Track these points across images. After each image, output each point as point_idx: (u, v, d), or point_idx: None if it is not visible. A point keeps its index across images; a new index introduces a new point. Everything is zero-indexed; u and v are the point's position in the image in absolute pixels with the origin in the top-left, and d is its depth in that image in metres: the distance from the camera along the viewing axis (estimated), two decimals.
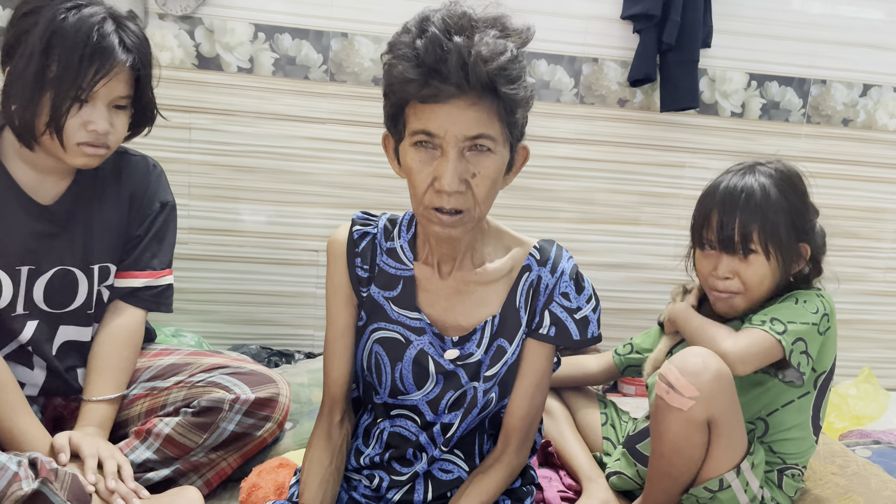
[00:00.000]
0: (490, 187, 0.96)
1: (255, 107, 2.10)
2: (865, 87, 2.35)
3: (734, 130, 2.33)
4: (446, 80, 0.89)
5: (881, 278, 2.49)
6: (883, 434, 1.88)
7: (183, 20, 2.04)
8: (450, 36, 0.88)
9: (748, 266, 1.30)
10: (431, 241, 1.07)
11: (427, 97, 0.90)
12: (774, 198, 1.29)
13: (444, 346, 1.08)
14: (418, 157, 0.94)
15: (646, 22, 2.10)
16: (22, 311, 1.29)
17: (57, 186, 1.30)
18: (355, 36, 2.10)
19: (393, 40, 0.94)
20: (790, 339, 1.22)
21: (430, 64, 0.88)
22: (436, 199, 0.95)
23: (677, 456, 1.19)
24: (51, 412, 1.39)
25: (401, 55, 0.91)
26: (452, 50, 0.88)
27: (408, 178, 0.97)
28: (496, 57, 0.89)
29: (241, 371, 1.38)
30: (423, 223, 1.00)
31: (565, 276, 1.08)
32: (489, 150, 0.94)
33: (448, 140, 0.92)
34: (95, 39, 1.16)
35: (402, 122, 0.95)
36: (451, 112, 0.91)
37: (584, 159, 2.28)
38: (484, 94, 0.91)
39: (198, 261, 2.16)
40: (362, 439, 1.15)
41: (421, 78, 0.89)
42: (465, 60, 0.88)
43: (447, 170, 0.92)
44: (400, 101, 0.94)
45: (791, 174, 1.33)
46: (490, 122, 0.93)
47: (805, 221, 1.33)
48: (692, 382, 1.13)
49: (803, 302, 1.28)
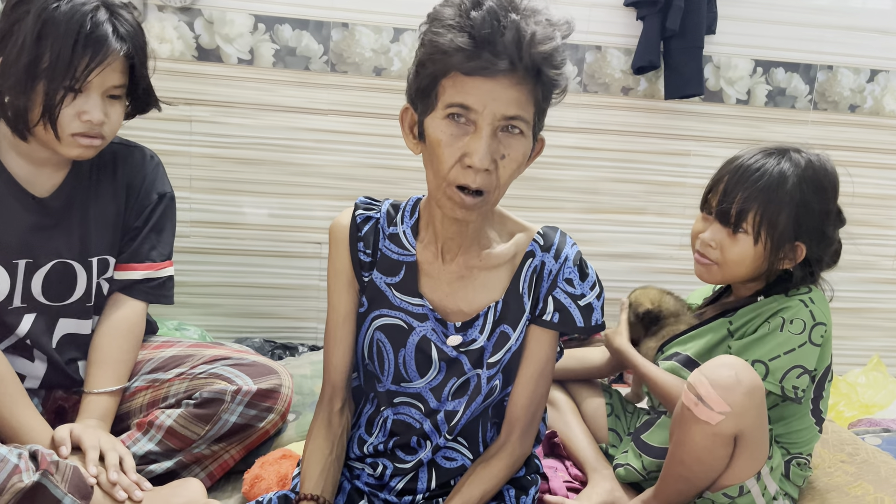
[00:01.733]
0: (514, 171, 0.96)
1: (255, 98, 2.09)
2: (873, 72, 2.32)
3: (740, 118, 2.30)
4: (498, 55, 0.88)
5: (890, 266, 2.46)
6: (892, 422, 1.86)
7: (182, 11, 2.02)
8: (506, 11, 0.88)
9: (734, 243, 1.29)
10: (437, 225, 1.06)
11: (474, 69, 0.89)
12: (787, 187, 1.25)
13: (446, 332, 1.07)
14: (450, 131, 0.92)
15: (649, 8, 2.08)
16: (19, 305, 1.28)
17: (52, 179, 1.29)
18: (356, 26, 2.09)
19: (436, 12, 0.92)
20: (776, 377, 1.20)
21: (486, 36, 0.87)
22: (461, 176, 0.93)
23: (698, 465, 1.16)
24: (52, 405, 1.39)
25: (450, 25, 0.89)
26: (510, 25, 0.87)
27: (433, 150, 0.95)
28: (548, 41, 0.89)
29: (243, 362, 1.37)
30: (441, 202, 0.98)
31: (569, 263, 1.07)
32: (521, 132, 0.94)
33: (485, 116, 0.90)
34: (89, 28, 1.15)
35: (435, 94, 0.93)
36: (493, 88, 0.89)
37: (588, 148, 2.26)
38: (527, 76, 0.90)
39: (200, 254, 2.15)
40: (365, 429, 1.14)
41: (472, 49, 0.88)
42: (522, 37, 0.87)
43: (480, 146, 0.91)
44: (439, 72, 0.91)
45: (820, 171, 1.28)
46: (527, 105, 0.92)
47: (813, 221, 1.27)
48: (723, 397, 1.08)
49: (789, 323, 1.24)
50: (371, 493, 1.11)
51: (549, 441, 1.51)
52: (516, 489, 1.14)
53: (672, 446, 1.20)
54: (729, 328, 1.32)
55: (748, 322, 1.29)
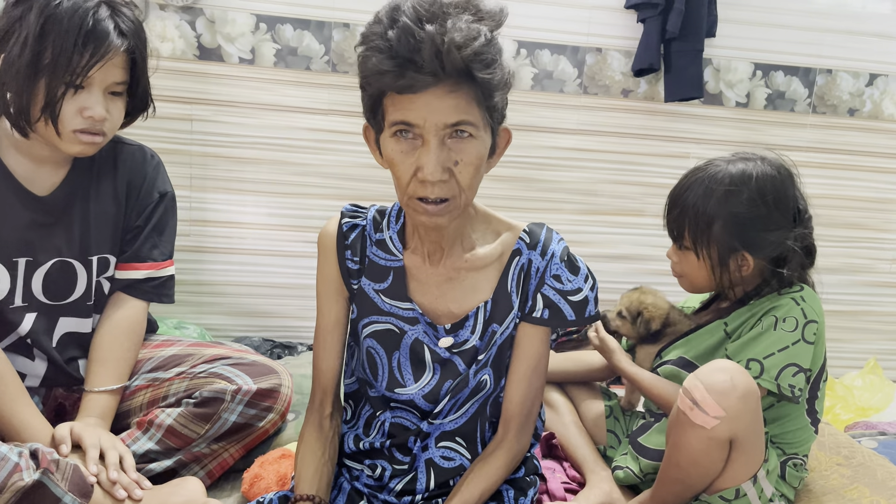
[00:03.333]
0: (474, 174, 0.95)
1: (256, 98, 2.09)
2: (872, 76, 2.33)
3: (739, 121, 2.31)
4: (421, 70, 0.87)
5: (887, 269, 2.47)
6: (889, 425, 1.87)
7: (184, 11, 2.02)
8: (421, 24, 0.86)
9: (684, 258, 1.36)
10: (420, 231, 1.07)
11: (403, 88, 0.89)
12: (713, 202, 1.28)
13: (437, 335, 1.08)
14: (399, 148, 0.93)
15: (650, 11, 2.08)
16: (20, 303, 1.29)
17: (53, 177, 1.30)
18: (357, 26, 2.09)
19: (365, 31, 0.92)
20: (772, 374, 1.21)
21: (404, 54, 0.87)
22: (419, 189, 0.94)
23: (694, 468, 1.17)
24: (52, 403, 1.39)
25: (374, 47, 0.89)
26: (425, 39, 0.86)
27: (391, 168, 0.97)
28: (470, 42, 0.87)
29: (243, 362, 1.37)
30: (410, 213, 0.99)
31: (556, 259, 1.08)
32: (470, 135, 0.93)
33: (428, 129, 0.91)
34: (90, 24, 1.15)
35: (381, 114, 0.94)
36: (428, 101, 0.89)
37: (588, 150, 2.26)
38: (461, 81, 0.89)
39: (200, 253, 2.16)
40: (363, 429, 1.15)
41: (396, 69, 0.87)
42: (439, 48, 0.86)
43: (429, 159, 0.91)
44: (377, 93, 0.92)
45: (766, 179, 1.28)
46: (469, 108, 0.91)
47: (748, 230, 1.28)
48: (718, 402, 1.09)
49: (782, 321, 1.25)
50: (371, 494, 1.12)
51: (548, 442, 1.51)
52: (515, 490, 1.14)
53: (668, 449, 1.20)
54: (725, 330, 1.33)
55: (743, 323, 1.30)
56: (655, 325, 1.43)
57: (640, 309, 1.44)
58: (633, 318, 1.45)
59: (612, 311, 1.49)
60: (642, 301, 1.45)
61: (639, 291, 1.48)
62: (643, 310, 1.44)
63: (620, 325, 1.47)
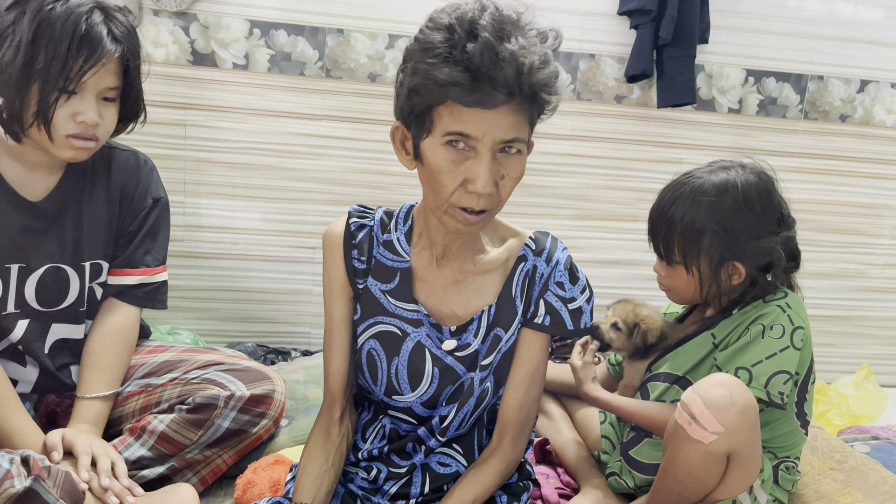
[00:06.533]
0: (513, 188, 0.97)
1: (250, 103, 2.09)
2: (863, 82, 2.35)
3: (732, 126, 2.32)
4: (498, 88, 0.87)
5: (879, 274, 2.48)
6: (882, 430, 1.88)
7: (178, 16, 2.02)
8: (502, 42, 0.87)
9: (673, 273, 1.35)
10: (432, 233, 1.07)
11: (475, 102, 0.89)
12: (700, 217, 1.28)
13: (441, 337, 1.08)
14: (450, 157, 0.93)
15: (642, 17, 2.09)
16: (13, 310, 1.28)
17: (46, 182, 1.29)
18: (351, 32, 2.09)
19: (426, 39, 0.91)
20: (761, 382, 1.21)
21: (485, 70, 0.87)
22: (465, 199, 0.94)
23: (691, 481, 1.16)
24: (44, 409, 1.38)
25: (446, 57, 0.88)
26: (508, 59, 0.86)
27: (433, 175, 0.95)
28: (545, 66, 0.90)
29: (237, 368, 1.37)
30: (444, 220, 0.98)
31: (560, 266, 1.08)
32: (518, 151, 0.95)
33: (485, 143, 0.91)
34: (84, 29, 1.15)
35: (430, 120, 0.93)
36: (492, 116, 0.90)
37: (582, 156, 2.27)
38: (524, 102, 0.91)
39: (193, 258, 2.15)
40: (360, 434, 1.15)
41: (471, 83, 0.87)
42: (520, 69, 0.87)
43: (483, 172, 0.91)
44: (434, 101, 0.91)
45: (750, 186, 1.29)
46: (523, 126, 0.93)
47: (738, 240, 1.28)
48: (717, 417, 1.08)
49: (769, 329, 1.25)
50: (364, 496, 1.12)
51: (542, 448, 1.51)
52: (508, 495, 1.14)
53: (664, 461, 1.20)
54: (713, 341, 1.33)
55: (731, 332, 1.30)
56: (652, 338, 1.40)
57: (636, 321, 1.41)
58: (630, 331, 1.42)
59: (605, 323, 1.45)
60: (638, 313, 1.42)
61: (632, 304, 1.44)
62: (640, 322, 1.41)
63: (615, 337, 1.43)
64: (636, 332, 1.41)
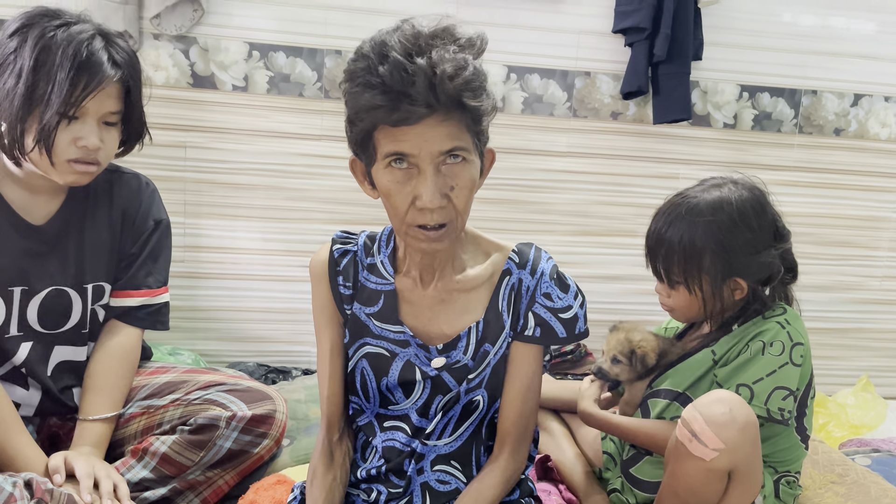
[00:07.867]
0: (468, 196, 0.98)
1: (249, 124, 2.11)
2: (856, 96, 2.37)
3: (727, 141, 2.34)
4: (415, 103, 0.89)
5: (878, 287, 2.49)
6: (882, 442, 1.88)
7: (178, 39, 2.05)
8: (412, 58, 0.89)
9: (676, 294, 1.35)
10: (413, 255, 1.08)
11: (398, 121, 0.91)
12: (699, 238, 1.29)
13: (429, 356, 1.09)
14: (394, 178, 0.95)
15: (637, 35, 2.12)
16: (16, 333, 1.29)
17: (48, 206, 1.30)
18: (349, 53, 2.10)
19: (350, 68, 0.94)
20: (761, 399, 1.22)
21: (398, 88, 0.89)
22: (418, 217, 0.96)
23: (692, 497, 1.16)
24: (46, 432, 1.38)
25: (364, 83, 0.91)
26: (418, 72, 0.88)
27: (385, 199, 0.98)
28: (460, 72, 0.90)
29: (238, 388, 1.38)
30: (409, 241, 1.01)
31: (545, 277, 1.09)
32: (463, 159, 0.96)
33: (423, 158, 0.93)
34: (84, 55, 1.17)
35: (373, 147, 0.96)
36: (422, 131, 0.92)
37: (579, 172, 2.29)
38: (452, 109, 0.92)
39: (194, 279, 2.16)
40: (360, 454, 1.15)
41: (389, 103, 0.90)
42: (432, 80, 0.89)
43: (427, 187, 0.93)
44: (368, 127, 0.94)
45: (744, 202, 1.30)
46: (461, 134, 0.94)
47: (739, 257, 1.29)
48: (718, 434, 1.08)
49: (769, 346, 1.26)
50: None
51: (543, 465, 1.51)
52: None
53: (666, 477, 1.20)
54: (713, 358, 1.33)
55: (731, 349, 1.31)
56: (651, 360, 1.38)
57: (631, 348, 1.39)
58: (629, 360, 1.40)
59: (605, 360, 1.42)
60: (630, 339, 1.39)
61: (622, 331, 1.41)
62: (636, 348, 1.39)
63: (619, 371, 1.41)
64: (634, 360, 1.39)
